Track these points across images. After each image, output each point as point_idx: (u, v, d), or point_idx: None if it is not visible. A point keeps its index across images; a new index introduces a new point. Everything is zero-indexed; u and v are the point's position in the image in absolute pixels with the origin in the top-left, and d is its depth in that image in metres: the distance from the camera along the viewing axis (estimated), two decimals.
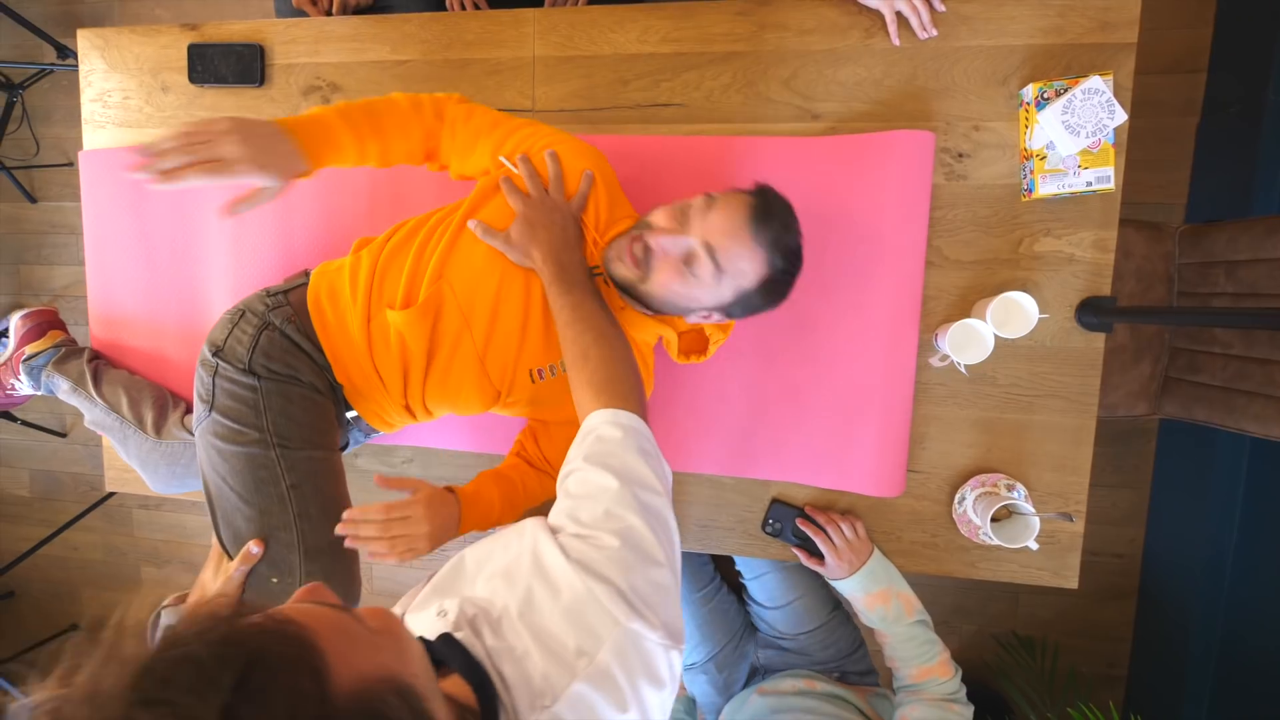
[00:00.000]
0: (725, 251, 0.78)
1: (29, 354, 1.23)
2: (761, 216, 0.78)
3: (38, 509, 2.42)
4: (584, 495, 0.58)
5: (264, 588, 0.85)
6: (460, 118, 0.90)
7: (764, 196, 0.80)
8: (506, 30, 1.10)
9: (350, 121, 0.83)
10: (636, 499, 0.57)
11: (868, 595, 1.00)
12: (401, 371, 0.90)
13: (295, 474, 0.86)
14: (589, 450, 0.62)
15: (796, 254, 0.81)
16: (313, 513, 0.86)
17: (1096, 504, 1.72)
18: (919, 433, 1.04)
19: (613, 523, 0.55)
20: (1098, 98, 0.90)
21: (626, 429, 0.64)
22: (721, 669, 1.17)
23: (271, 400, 0.87)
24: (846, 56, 1.01)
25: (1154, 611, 1.75)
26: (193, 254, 1.20)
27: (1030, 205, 0.98)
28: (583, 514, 0.56)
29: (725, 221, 0.78)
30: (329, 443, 0.92)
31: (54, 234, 2.29)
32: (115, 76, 1.23)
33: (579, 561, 0.52)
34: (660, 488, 0.60)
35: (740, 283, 0.80)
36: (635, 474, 0.59)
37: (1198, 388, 1.20)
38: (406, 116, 0.88)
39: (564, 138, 0.90)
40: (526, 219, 0.83)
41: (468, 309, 0.87)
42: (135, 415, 1.13)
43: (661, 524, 0.57)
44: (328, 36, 1.15)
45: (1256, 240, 1.09)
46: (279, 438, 0.86)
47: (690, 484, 1.11)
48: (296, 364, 0.90)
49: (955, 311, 1.01)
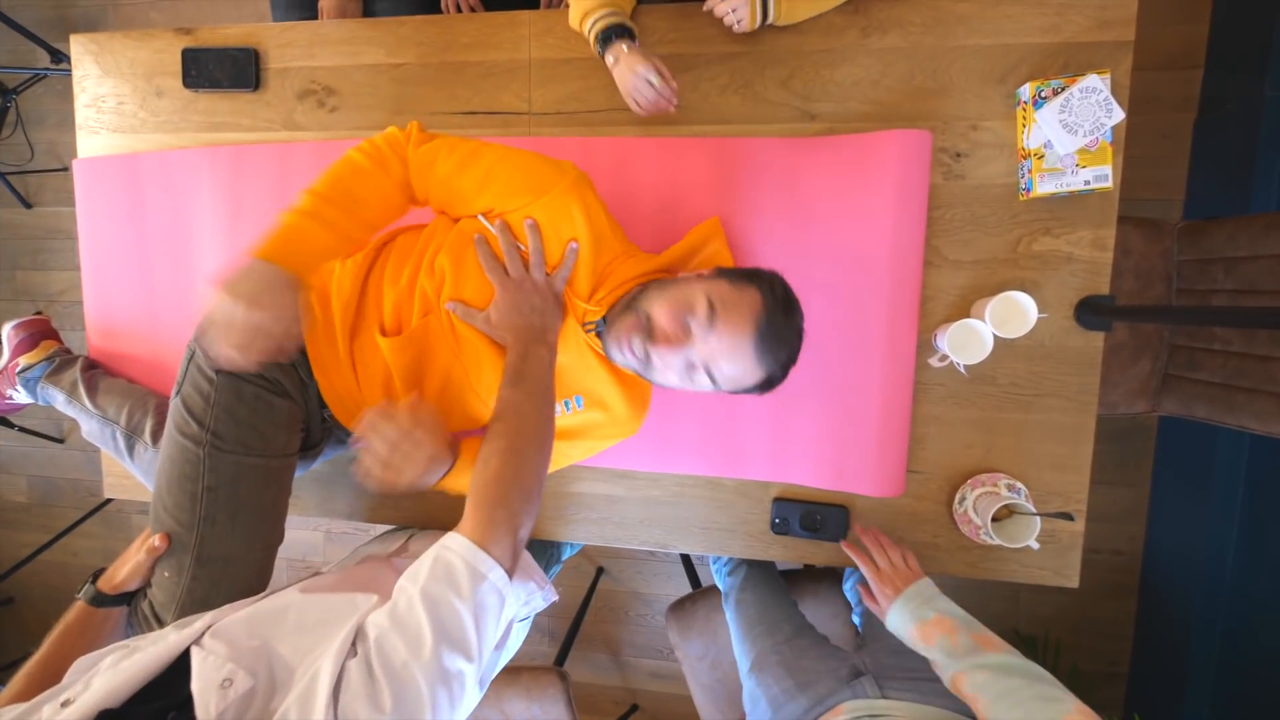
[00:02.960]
0: (724, 373, 0.77)
1: (23, 366, 1.22)
2: (766, 340, 0.75)
3: (37, 515, 2.42)
4: (402, 628, 0.57)
5: (159, 579, 0.85)
6: (424, 164, 0.82)
7: (770, 313, 0.76)
8: (502, 32, 1.09)
9: (326, 220, 0.76)
10: (440, 665, 0.56)
11: (921, 624, 0.84)
12: (384, 387, 0.90)
13: (215, 476, 0.84)
14: (430, 577, 0.61)
15: (795, 357, 0.80)
16: (219, 519, 0.84)
17: (1097, 502, 1.72)
18: (919, 433, 1.04)
19: (399, 683, 0.54)
20: (1095, 96, 0.90)
21: (475, 575, 0.62)
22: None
23: (222, 396, 0.85)
24: (843, 56, 1.01)
25: (1155, 609, 1.75)
26: (189, 260, 1.20)
27: (1028, 204, 0.98)
28: (389, 646, 0.56)
29: (728, 346, 0.75)
30: (271, 449, 0.88)
31: (49, 239, 2.28)
32: (109, 81, 1.22)
33: (342, 714, 0.51)
34: (472, 653, 0.59)
35: (737, 388, 0.80)
36: (454, 634, 0.58)
37: (1197, 385, 1.20)
38: (375, 178, 0.80)
39: (551, 197, 0.81)
40: (504, 303, 0.81)
41: (461, 341, 0.86)
42: (134, 425, 1.12)
43: (448, 697, 0.56)
44: (323, 40, 1.15)
45: (1256, 236, 1.09)
46: (214, 435, 0.84)
47: (690, 486, 1.11)
48: None
49: (954, 311, 1.01)
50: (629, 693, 2.09)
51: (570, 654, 1.68)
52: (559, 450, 0.97)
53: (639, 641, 2.07)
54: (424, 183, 0.83)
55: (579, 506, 1.14)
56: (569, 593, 2.07)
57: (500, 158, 0.82)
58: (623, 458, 1.11)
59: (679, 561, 1.98)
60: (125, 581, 0.85)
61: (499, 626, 0.63)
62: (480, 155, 0.82)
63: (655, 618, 2.04)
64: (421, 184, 0.83)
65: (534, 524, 0.72)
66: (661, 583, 2.03)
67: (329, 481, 1.20)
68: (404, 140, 0.83)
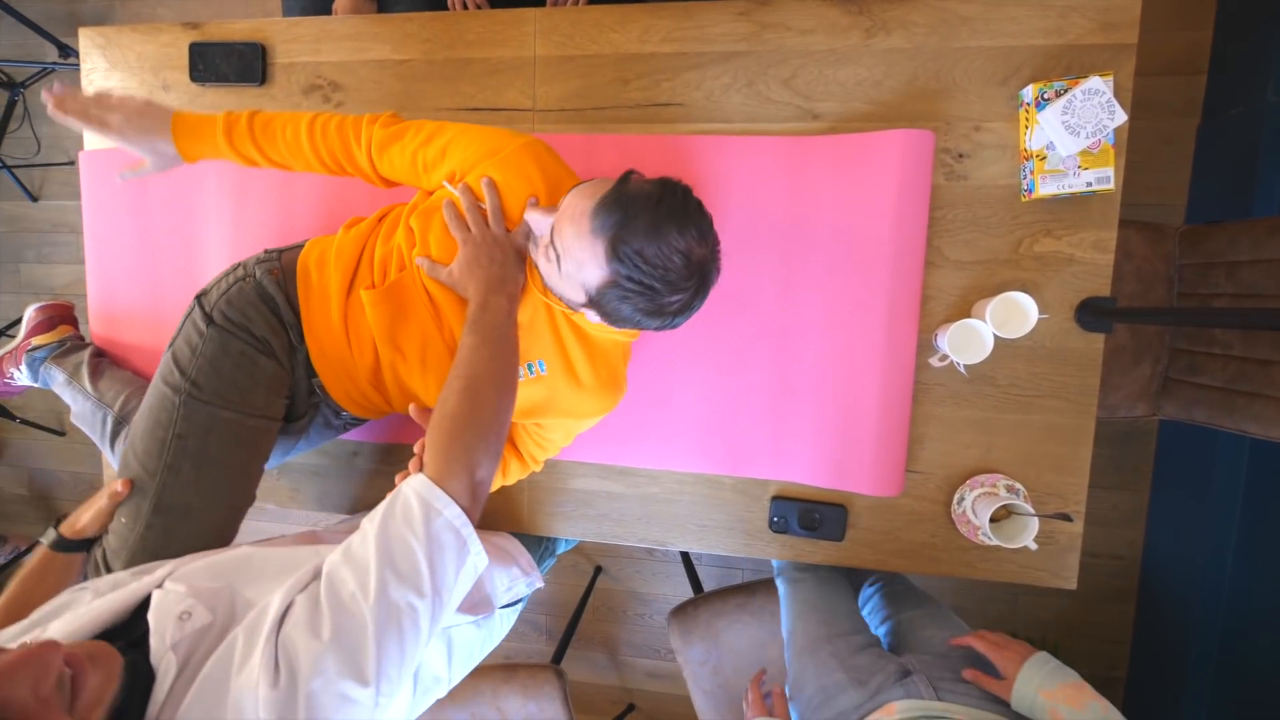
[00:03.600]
0: (561, 239, 0.72)
1: (34, 345, 1.23)
2: (610, 204, 0.68)
3: (37, 508, 2.42)
4: (353, 562, 0.57)
5: (116, 525, 0.85)
6: (387, 140, 0.88)
7: (624, 185, 0.70)
8: (508, 30, 1.10)
9: (234, 142, 0.89)
10: (386, 598, 0.55)
11: (1061, 686, 0.80)
12: (372, 350, 0.91)
13: (187, 424, 0.84)
14: (385, 514, 0.61)
15: (659, 264, 0.68)
16: (184, 468, 0.84)
17: (1096, 505, 1.73)
18: (918, 432, 1.04)
19: (343, 613, 0.54)
20: (1098, 98, 0.90)
21: (429, 510, 0.61)
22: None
23: (208, 348, 0.87)
24: (847, 56, 1.01)
25: (1153, 613, 1.75)
26: (192, 253, 1.20)
27: (1030, 205, 0.98)
28: (337, 579, 0.56)
29: (571, 205, 0.72)
30: (249, 405, 0.88)
31: (55, 233, 2.29)
32: (116, 75, 1.23)
33: (282, 641, 0.52)
34: (424, 588, 0.57)
35: (584, 281, 0.72)
36: (403, 568, 0.57)
37: (1198, 389, 1.20)
38: (298, 146, 0.89)
39: (504, 156, 0.84)
40: (464, 256, 0.82)
41: (438, 305, 0.88)
42: (126, 413, 1.12)
43: (396, 632, 0.55)
44: (329, 36, 1.15)
45: (1257, 241, 1.09)
46: (193, 384, 0.85)
47: (689, 483, 1.11)
48: (254, 316, 0.89)
49: (955, 311, 1.01)
50: (626, 692, 2.09)
51: (567, 652, 1.68)
52: (537, 432, 0.98)
53: (637, 641, 2.07)
54: (386, 157, 0.89)
55: (577, 503, 1.14)
56: (567, 591, 2.08)
57: (461, 129, 0.88)
58: (622, 454, 1.11)
59: (678, 561, 1.99)
60: (86, 527, 0.85)
61: (459, 568, 0.62)
62: (444, 129, 0.88)
63: (653, 617, 2.04)
64: (384, 158, 0.89)
65: (495, 469, 0.70)
66: (660, 582, 2.03)
67: (326, 475, 1.21)
68: (370, 121, 0.90)
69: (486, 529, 1.15)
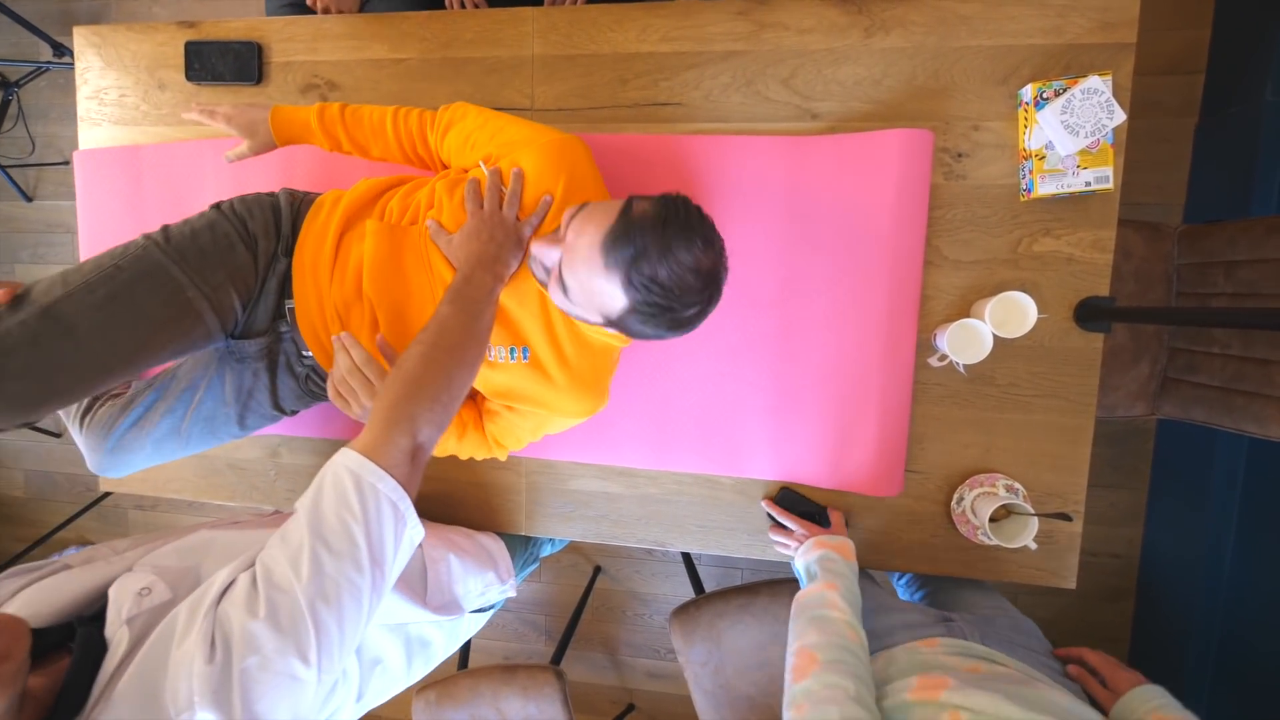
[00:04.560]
0: (574, 275, 0.73)
1: None
2: (619, 237, 0.69)
3: (33, 509, 2.41)
4: (287, 543, 0.58)
5: (3, 311, 0.79)
6: (450, 121, 0.95)
7: (629, 215, 0.70)
8: (505, 29, 1.09)
9: (324, 123, 0.97)
10: (319, 577, 0.55)
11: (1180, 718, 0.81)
12: (355, 282, 0.92)
13: (133, 262, 0.84)
14: (315, 492, 0.61)
15: (674, 286, 0.69)
16: (99, 292, 0.81)
17: (1095, 504, 1.72)
18: (918, 432, 1.04)
19: (276, 591, 0.54)
20: (1097, 98, 0.90)
21: (361, 486, 0.60)
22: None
23: (199, 221, 0.92)
24: (846, 56, 1.01)
25: (1152, 612, 1.75)
26: None
27: (1029, 205, 0.98)
28: (270, 559, 0.57)
29: (577, 237, 0.72)
30: (200, 277, 0.87)
31: (49, 233, 2.28)
32: (111, 74, 1.22)
33: (219, 617, 0.53)
34: (361, 562, 0.57)
35: (602, 309, 0.74)
36: (336, 545, 0.57)
37: (1196, 388, 1.20)
38: (382, 130, 0.97)
39: (541, 145, 0.88)
40: (468, 228, 0.84)
41: (433, 269, 0.89)
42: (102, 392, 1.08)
43: (335, 610, 0.55)
44: (325, 34, 1.15)
45: (1256, 241, 1.09)
46: (164, 237, 0.88)
47: (688, 484, 1.11)
48: (256, 214, 0.95)
49: (954, 311, 1.01)
50: (626, 692, 2.09)
51: (567, 653, 1.68)
52: (508, 417, 0.96)
53: (636, 641, 2.06)
54: (448, 139, 0.95)
55: (576, 503, 1.14)
56: (566, 591, 2.07)
57: (512, 118, 0.94)
58: (621, 455, 1.11)
59: (677, 561, 1.98)
60: None
61: (398, 541, 0.61)
62: (500, 116, 0.94)
63: (653, 617, 2.04)
64: (445, 141, 0.95)
65: (440, 435, 0.69)
66: (659, 582, 2.02)
67: None
68: (445, 109, 0.96)
69: (478, 529, 1.15)
